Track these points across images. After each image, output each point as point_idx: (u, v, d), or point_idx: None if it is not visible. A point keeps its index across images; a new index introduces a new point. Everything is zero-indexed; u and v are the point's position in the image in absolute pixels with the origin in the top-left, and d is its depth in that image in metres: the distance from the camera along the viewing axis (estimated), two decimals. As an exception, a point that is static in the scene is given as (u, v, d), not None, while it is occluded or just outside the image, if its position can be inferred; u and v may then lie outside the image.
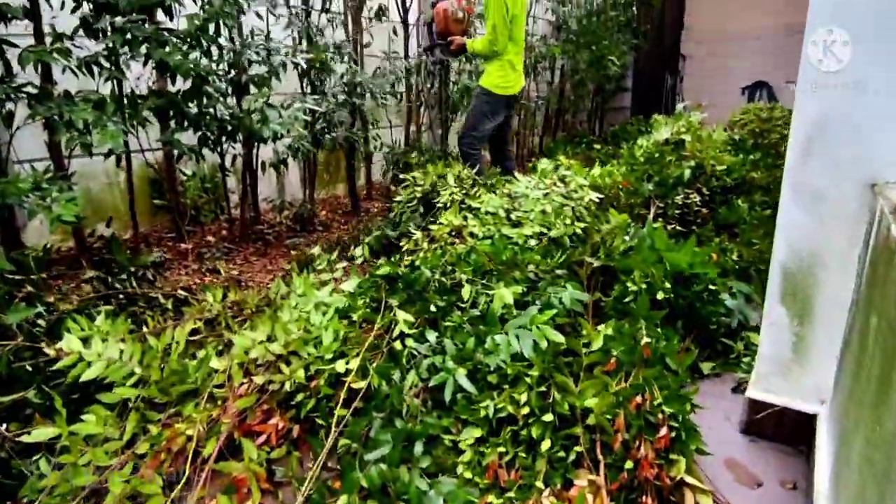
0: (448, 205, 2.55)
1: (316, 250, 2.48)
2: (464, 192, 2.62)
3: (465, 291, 1.86)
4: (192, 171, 3.40)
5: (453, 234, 2.45)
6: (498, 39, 3.21)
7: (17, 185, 1.84)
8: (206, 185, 3.44)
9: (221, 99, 2.70)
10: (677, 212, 2.90)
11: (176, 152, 2.73)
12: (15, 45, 2.14)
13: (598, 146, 5.24)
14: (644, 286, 1.85)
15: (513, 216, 2.48)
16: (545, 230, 2.41)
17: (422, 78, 4.27)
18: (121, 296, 2.08)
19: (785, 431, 1.57)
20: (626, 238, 2.15)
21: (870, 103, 1.27)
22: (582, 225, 2.41)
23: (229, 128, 2.62)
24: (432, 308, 1.84)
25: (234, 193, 3.48)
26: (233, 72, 2.82)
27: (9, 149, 2.41)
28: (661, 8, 7.13)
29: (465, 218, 2.46)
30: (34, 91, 2.21)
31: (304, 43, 3.31)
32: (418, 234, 2.37)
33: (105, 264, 2.79)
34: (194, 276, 2.84)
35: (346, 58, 3.37)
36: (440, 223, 2.45)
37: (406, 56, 4.18)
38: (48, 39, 2.31)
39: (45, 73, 2.39)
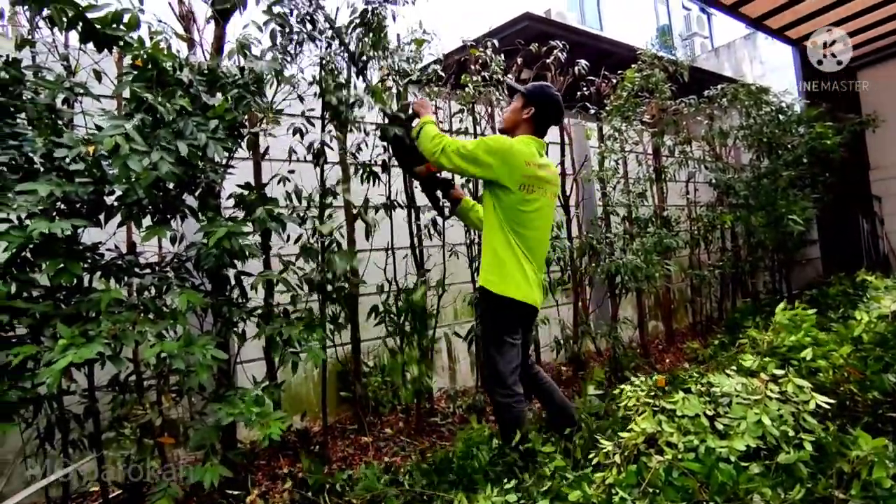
0: (640, 409, 2.32)
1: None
2: (652, 394, 2.38)
3: (682, 536, 1.57)
4: (374, 362, 3.65)
5: (647, 442, 2.19)
6: (460, 156, 2.33)
7: (249, 408, 2.11)
8: (385, 378, 3.64)
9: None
10: (941, 411, 2.29)
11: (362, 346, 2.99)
12: (250, 275, 2.61)
13: (796, 316, 4.57)
14: (938, 546, 1.39)
15: (717, 424, 2.16)
16: (761, 443, 2.04)
17: (585, 257, 4.31)
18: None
19: None
20: (888, 462, 1.70)
21: None
22: (811, 438, 2.00)
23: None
24: (641, 556, 1.57)
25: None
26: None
27: (237, 358, 2.82)
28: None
29: (660, 423, 2.19)
30: (261, 312, 2.62)
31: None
32: (608, 446, 2.15)
33: (298, 458, 3.00)
34: (374, 474, 2.87)
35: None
36: (631, 429, 2.21)
37: (569, 238, 4.29)
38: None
39: (268, 291, 2.86)
